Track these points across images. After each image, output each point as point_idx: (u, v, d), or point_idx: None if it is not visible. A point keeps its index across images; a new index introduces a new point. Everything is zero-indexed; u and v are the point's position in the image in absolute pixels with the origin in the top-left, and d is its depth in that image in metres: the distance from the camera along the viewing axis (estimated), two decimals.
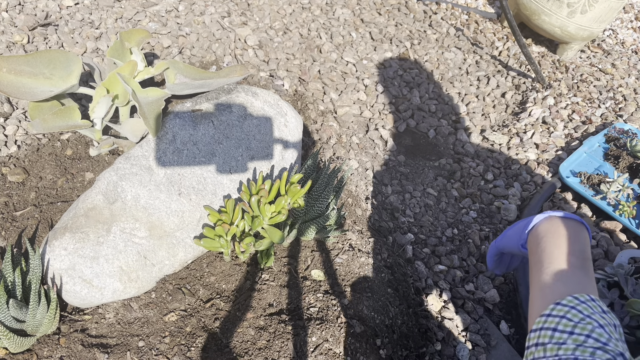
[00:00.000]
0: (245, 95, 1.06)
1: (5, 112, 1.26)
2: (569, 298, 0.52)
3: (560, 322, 0.49)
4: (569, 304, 0.51)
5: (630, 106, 1.78)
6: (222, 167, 0.96)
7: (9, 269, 0.81)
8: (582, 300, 0.51)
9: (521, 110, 1.79)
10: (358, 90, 1.73)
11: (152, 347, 0.83)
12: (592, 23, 1.90)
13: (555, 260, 0.59)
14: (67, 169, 1.13)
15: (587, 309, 0.50)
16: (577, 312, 0.49)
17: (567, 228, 0.61)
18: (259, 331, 0.86)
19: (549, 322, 0.51)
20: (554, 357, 0.46)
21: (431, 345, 1.03)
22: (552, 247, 0.60)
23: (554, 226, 0.62)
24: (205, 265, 0.98)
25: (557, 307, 0.51)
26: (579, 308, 0.50)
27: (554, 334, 0.49)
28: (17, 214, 1.02)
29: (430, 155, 1.61)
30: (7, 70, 0.94)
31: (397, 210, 1.35)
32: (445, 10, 2.30)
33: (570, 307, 0.50)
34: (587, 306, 0.50)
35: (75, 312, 0.88)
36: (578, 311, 0.49)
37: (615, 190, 1.36)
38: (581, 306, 0.50)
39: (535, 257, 0.62)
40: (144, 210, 0.88)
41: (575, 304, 0.50)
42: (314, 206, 1.00)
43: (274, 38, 1.81)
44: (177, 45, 1.63)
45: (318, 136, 1.48)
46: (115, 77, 0.98)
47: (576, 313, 0.49)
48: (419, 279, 1.16)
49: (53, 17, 1.61)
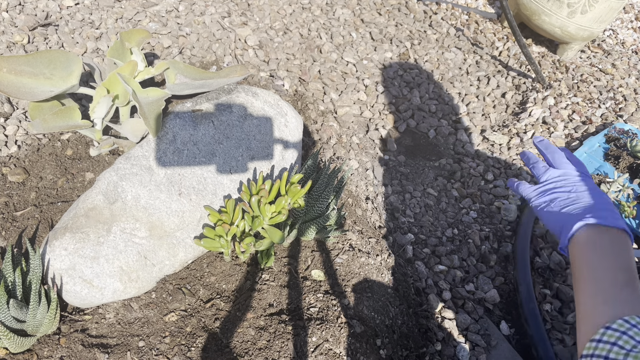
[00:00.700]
0: (245, 95, 1.06)
1: (6, 112, 1.26)
2: (619, 322, 0.50)
3: (612, 349, 0.48)
4: (619, 328, 0.49)
5: (631, 106, 1.78)
6: (223, 167, 0.96)
7: (9, 269, 0.81)
8: (634, 323, 0.49)
9: (521, 111, 1.79)
10: (358, 91, 1.73)
11: (153, 347, 0.83)
12: (592, 23, 1.90)
13: (600, 278, 0.56)
14: (67, 169, 1.13)
15: (639, 334, 0.48)
16: (628, 337, 0.48)
17: (610, 239, 0.58)
18: (259, 331, 0.86)
19: (599, 349, 0.49)
20: None
21: (431, 346, 1.03)
22: (595, 263, 0.57)
23: (595, 237, 0.59)
24: (205, 265, 0.98)
25: (607, 331, 0.50)
26: (630, 333, 0.48)
27: None
28: (18, 214, 1.02)
29: (430, 155, 1.61)
30: (8, 70, 0.94)
31: (397, 210, 1.35)
32: (445, 10, 2.30)
33: (621, 332, 0.49)
34: (639, 330, 0.49)
35: (75, 312, 0.88)
36: (630, 337, 0.48)
37: (616, 191, 1.36)
38: (632, 330, 0.48)
39: (578, 271, 0.59)
40: (144, 211, 0.88)
41: (626, 329, 0.49)
42: (314, 206, 1.00)
43: (274, 38, 1.81)
44: (178, 46, 1.63)
45: (318, 136, 1.48)
46: (115, 77, 0.98)
47: (628, 340, 0.48)
48: (419, 279, 1.15)
49: (53, 17, 1.61)
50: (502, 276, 1.22)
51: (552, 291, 1.17)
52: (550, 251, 1.26)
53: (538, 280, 1.20)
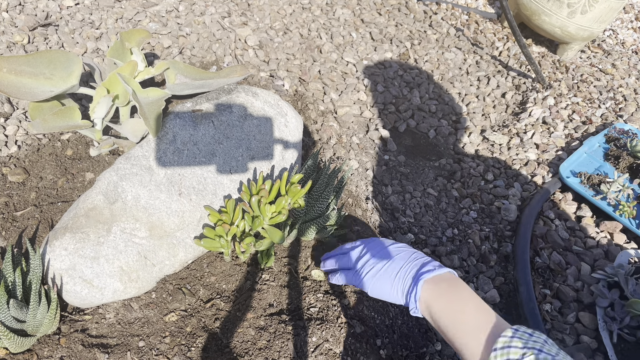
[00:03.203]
0: (245, 95, 1.06)
1: (6, 113, 1.26)
2: (499, 340, 0.57)
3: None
4: (505, 344, 0.57)
5: (631, 106, 1.78)
6: (223, 167, 0.96)
7: (9, 269, 0.81)
8: (516, 335, 0.57)
9: (521, 111, 1.79)
10: (358, 91, 1.73)
11: (153, 347, 0.83)
12: (593, 23, 1.90)
13: (459, 324, 0.63)
14: (67, 169, 1.13)
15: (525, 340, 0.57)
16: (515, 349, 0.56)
17: (446, 287, 0.67)
18: (259, 331, 0.86)
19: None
20: None
21: (431, 345, 1.03)
22: (447, 315, 0.65)
23: (436, 291, 0.67)
24: (205, 265, 0.98)
25: (495, 353, 0.57)
26: (514, 343, 0.56)
27: None
28: (18, 214, 1.02)
29: (430, 155, 1.61)
30: (8, 70, 0.94)
31: (397, 210, 1.35)
32: (445, 10, 2.30)
33: (506, 346, 0.56)
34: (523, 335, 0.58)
35: (75, 312, 0.88)
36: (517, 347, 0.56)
37: (616, 191, 1.36)
38: (516, 339, 0.56)
39: (437, 325, 0.67)
40: (145, 211, 0.88)
41: (505, 343, 0.57)
42: (314, 206, 1.00)
43: (274, 38, 1.81)
44: (178, 46, 1.63)
45: (318, 136, 1.48)
46: (115, 77, 0.98)
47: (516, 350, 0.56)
48: None
49: (53, 18, 1.61)
50: (502, 276, 1.22)
51: (552, 291, 1.17)
52: (550, 251, 1.26)
53: (538, 280, 1.20)
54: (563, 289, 1.15)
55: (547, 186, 1.42)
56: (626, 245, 1.28)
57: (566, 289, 1.16)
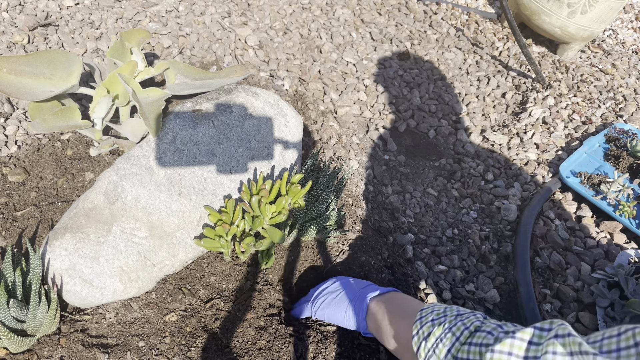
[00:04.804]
0: (245, 95, 1.06)
1: (6, 112, 1.26)
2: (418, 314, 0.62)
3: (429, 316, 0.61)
4: (423, 315, 0.61)
5: (631, 106, 1.78)
6: (223, 167, 0.96)
7: (9, 269, 0.81)
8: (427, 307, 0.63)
9: (521, 111, 1.79)
10: (358, 91, 1.73)
11: (153, 347, 0.83)
12: (593, 23, 1.90)
13: (396, 332, 0.68)
14: (67, 169, 1.13)
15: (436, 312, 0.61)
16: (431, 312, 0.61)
17: (386, 303, 0.72)
18: (260, 331, 0.86)
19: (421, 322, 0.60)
20: None
21: None
22: (388, 324, 0.70)
23: (379, 308, 0.72)
24: (205, 265, 0.98)
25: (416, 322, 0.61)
26: (426, 312, 0.61)
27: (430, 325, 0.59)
28: (18, 214, 1.02)
29: (430, 155, 1.61)
30: (8, 70, 0.94)
31: (397, 210, 1.35)
32: (445, 10, 2.30)
33: (421, 317, 0.61)
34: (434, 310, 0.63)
35: (75, 312, 0.88)
36: (432, 311, 0.60)
37: (616, 191, 1.36)
38: (427, 310, 0.61)
39: (383, 338, 0.72)
40: (145, 211, 0.88)
41: (425, 313, 0.61)
42: (314, 206, 1.00)
43: (274, 38, 1.81)
44: (178, 46, 1.63)
45: (318, 136, 1.48)
46: (115, 77, 0.98)
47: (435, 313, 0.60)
48: (419, 279, 1.15)
49: (53, 18, 1.61)
50: (502, 276, 1.22)
51: (552, 291, 1.17)
52: (550, 251, 1.26)
53: (538, 280, 1.20)
54: (563, 289, 1.15)
55: (547, 186, 1.42)
56: (626, 245, 1.28)
57: (566, 289, 1.16)
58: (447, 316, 0.56)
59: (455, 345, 0.50)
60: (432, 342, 0.53)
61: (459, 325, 0.52)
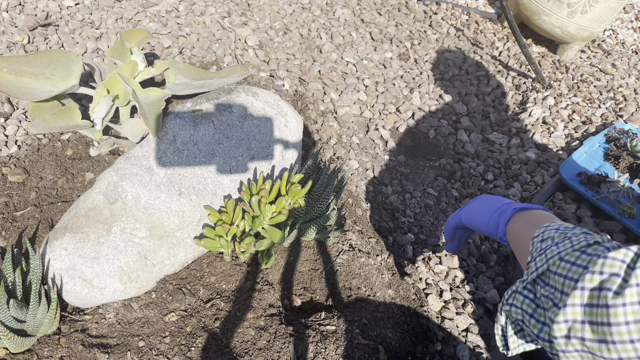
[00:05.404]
0: (245, 95, 1.06)
1: (6, 112, 1.26)
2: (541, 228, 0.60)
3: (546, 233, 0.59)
4: (544, 230, 0.59)
5: (631, 106, 1.78)
6: (223, 167, 0.96)
7: (9, 269, 0.81)
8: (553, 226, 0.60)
9: (521, 111, 1.79)
10: (358, 91, 1.73)
11: (153, 347, 0.83)
12: (592, 23, 1.90)
13: (526, 241, 0.66)
14: (67, 169, 1.13)
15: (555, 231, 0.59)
16: (553, 229, 0.59)
17: (534, 218, 0.70)
18: (260, 331, 0.86)
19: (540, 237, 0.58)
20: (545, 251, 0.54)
21: (431, 346, 1.03)
22: (522, 233, 0.69)
23: (523, 219, 0.71)
24: (205, 265, 0.98)
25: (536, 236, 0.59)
26: (551, 229, 0.59)
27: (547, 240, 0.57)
28: (18, 214, 1.02)
29: (430, 155, 1.61)
30: (8, 70, 0.94)
31: (397, 210, 1.35)
32: (445, 10, 2.30)
33: (542, 231, 0.59)
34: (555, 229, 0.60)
35: (75, 312, 0.88)
36: (555, 229, 0.58)
37: (616, 191, 1.36)
38: (551, 228, 0.59)
39: (516, 250, 0.71)
40: (145, 211, 0.88)
41: (547, 229, 0.59)
42: (314, 206, 1.00)
43: (274, 38, 1.81)
44: (178, 46, 1.63)
45: (318, 136, 1.48)
46: (115, 77, 0.98)
47: (553, 231, 0.59)
48: (419, 279, 1.15)
49: (53, 18, 1.61)
50: (502, 276, 1.22)
51: None
52: None
53: None
54: None
55: (547, 186, 1.42)
56: None
57: None
58: (575, 228, 0.57)
59: (568, 249, 0.52)
60: (548, 243, 0.55)
61: (580, 237, 0.53)
